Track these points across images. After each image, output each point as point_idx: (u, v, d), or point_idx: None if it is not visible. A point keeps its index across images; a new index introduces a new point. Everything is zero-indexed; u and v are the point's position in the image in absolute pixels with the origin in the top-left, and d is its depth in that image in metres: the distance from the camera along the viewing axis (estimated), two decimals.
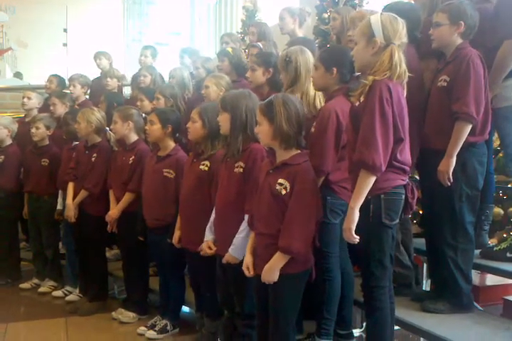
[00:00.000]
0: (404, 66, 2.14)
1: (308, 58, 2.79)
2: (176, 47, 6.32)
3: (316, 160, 2.45)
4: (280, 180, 2.25)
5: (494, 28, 2.71)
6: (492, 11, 2.80)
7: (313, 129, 2.55)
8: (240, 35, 6.59)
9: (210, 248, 2.70)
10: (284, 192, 2.24)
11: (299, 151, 2.32)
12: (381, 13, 2.22)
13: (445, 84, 2.57)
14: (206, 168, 2.87)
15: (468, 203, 2.62)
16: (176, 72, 4.22)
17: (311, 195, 2.26)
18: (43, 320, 3.67)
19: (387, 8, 2.71)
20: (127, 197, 3.49)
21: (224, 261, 2.56)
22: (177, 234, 3.04)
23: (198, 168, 2.90)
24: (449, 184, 2.54)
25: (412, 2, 3.15)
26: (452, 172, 2.52)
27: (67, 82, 5.00)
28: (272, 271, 2.24)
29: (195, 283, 3.12)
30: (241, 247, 2.47)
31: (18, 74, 10.20)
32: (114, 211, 3.53)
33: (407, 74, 2.16)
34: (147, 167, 3.34)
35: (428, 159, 2.70)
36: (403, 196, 2.20)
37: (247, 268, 2.37)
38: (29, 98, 4.73)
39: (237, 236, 2.50)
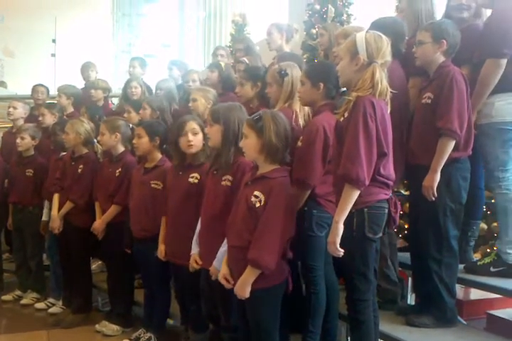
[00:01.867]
0: (385, 83, 2.17)
1: (299, 73, 2.78)
2: (165, 60, 6.34)
3: (303, 173, 2.47)
4: (256, 193, 2.25)
5: (480, 45, 2.76)
6: (481, 28, 2.87)
7: (299, 143, 2.57)
8: (229, 49, 6.64)
9: (196, 262, 2.68)
10: (258, 204, 2.23)
11: (279, 166, 2.31)
12: (367, 31, 2.26)
13: (429, 101, 2.62)
14: (196, 181, 2.87)
15: (453, 217, 2.65)
16: (163, 83, 4.23)
17: (285, 210, 2.23)
18: (24, 333, 3.62)
19: (373, 24, 2.77)
20: (113, 210, 3.48)
21: (210, 274, 2.54)
22: (162, 247, 3.03)
23: (186, 181, 2.90)
24: (434, 199, 2.58)
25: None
26: (436, 187, 2.56)
27: (51, 92, 4.98)
28: (243, 287, 2.22)
29: (180, 295, 3.11)
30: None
31: (1, 83, 10.08)
32: (99, 222, 3.51)
33: (389, 90, 2.19)
34: (134, 179, 3.33)
35: (413, 174, 2.74)
36: (386, 210, 2.22)
37: (225, 279, 2.34)
38: (15, 108, 4.68)
39: (220, 249, 2.49)
